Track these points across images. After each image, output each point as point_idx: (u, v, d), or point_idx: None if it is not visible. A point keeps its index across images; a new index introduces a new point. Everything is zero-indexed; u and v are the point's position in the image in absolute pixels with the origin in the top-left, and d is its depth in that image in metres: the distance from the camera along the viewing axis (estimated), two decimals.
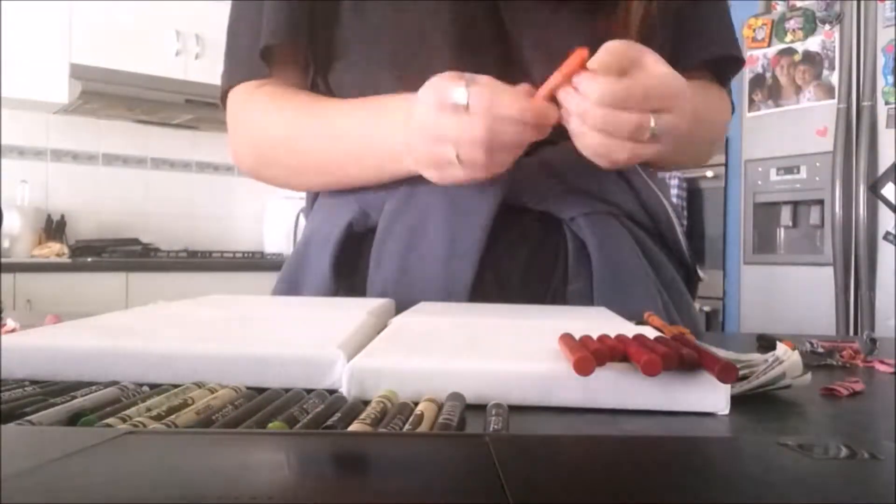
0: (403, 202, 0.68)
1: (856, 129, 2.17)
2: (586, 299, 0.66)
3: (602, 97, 0.53)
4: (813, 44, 2.32)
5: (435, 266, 0.66)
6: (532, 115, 0.55)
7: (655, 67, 0.55)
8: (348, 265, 0.71)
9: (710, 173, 2.77)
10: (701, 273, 0.78)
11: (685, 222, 2.78)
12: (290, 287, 0.75)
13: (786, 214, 2.40)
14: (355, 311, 0.48)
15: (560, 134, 0.67)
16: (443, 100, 0.56)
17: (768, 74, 2.42)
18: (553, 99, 0.56)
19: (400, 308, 0.56)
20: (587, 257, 0.67)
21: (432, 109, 0.57)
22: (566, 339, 0.34)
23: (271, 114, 0.71)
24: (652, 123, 0.54)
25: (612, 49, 0.54)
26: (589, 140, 0.56)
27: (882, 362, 0.46)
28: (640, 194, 0.71)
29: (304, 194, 0.82)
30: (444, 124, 0.56)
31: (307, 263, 0.74)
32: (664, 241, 0.74)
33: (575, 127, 0.56)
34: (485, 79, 0.56)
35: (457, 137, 0.56)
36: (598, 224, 0.68)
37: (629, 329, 0.40)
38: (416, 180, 0.66)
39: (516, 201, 0.67)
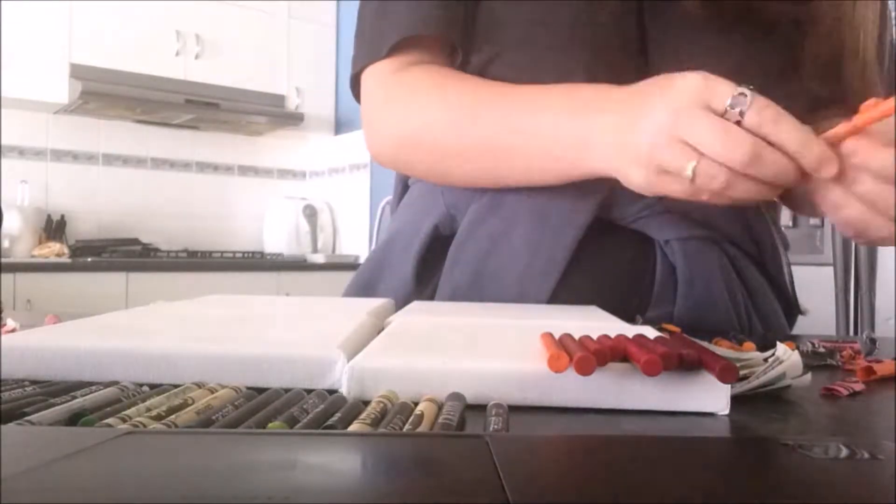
0: (489, 206, 0.65)
1: None
2: None
3: (882, 168, 0.45)
4: None
5: (512, 276, 0.62)
6: (812, 156, 0.45)
7: None
8: (430, 269, 0.68)
9: None
10: (803, 307, 0.72)
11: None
12: (366, 287, 0.72)
13: (786, 214, 2.40)
14: (355, 311, 0.48)
15: None
16: (710, 100, 0.46)
17: None
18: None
19: None
20: (675, 284, 0.63)
21: (690, 107, 0.46)
22: (565, 339, 0.34)
23: (431, 93, 0.64)
24: None
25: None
26: (855, 211, 0.48)
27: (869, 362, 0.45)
28: (749, 221, 0.67)
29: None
30: (699, 127, 0.46)
31: (388, 264, 0.71)
32: (766, 270, 0.69)
33: (860, 188, 0.47)
34: (763, 98, 0.46)
35: (709, 146, 0.45)
36: (693, 251, 0.64)
37: (629, 329, 0.40)
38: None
39: (608, 217, 0.63)
